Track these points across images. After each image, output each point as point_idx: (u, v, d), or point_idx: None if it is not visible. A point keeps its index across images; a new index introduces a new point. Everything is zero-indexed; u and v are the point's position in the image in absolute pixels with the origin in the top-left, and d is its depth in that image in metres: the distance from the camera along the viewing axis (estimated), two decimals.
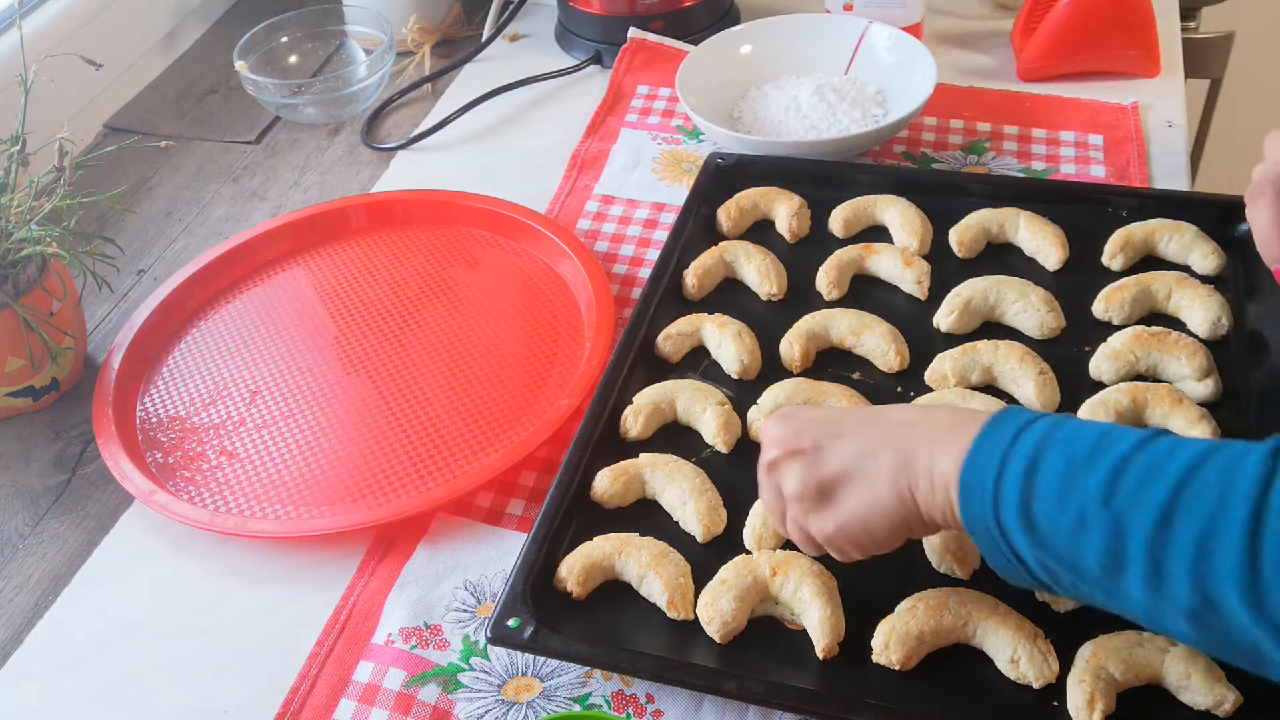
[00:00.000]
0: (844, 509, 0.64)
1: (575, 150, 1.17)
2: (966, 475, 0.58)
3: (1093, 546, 0.54)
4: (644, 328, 0.90)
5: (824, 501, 0.64)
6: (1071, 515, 0.55)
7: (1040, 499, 0.56)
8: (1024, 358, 0.83)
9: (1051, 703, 0.66)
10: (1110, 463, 0.55)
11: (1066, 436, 0.57)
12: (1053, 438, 0.57)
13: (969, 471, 0.58)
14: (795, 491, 0.65)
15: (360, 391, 0.93)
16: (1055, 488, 0.55)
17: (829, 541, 0.65)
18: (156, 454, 0.90)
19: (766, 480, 0.68)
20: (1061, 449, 0.56)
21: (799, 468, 0.65)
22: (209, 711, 0.73)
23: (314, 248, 1.08)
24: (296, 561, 0.81)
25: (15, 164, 0.90)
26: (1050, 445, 0.57)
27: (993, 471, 0.57)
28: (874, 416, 0.66)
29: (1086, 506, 0.54)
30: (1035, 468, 0.56)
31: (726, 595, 0.70)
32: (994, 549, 0.59)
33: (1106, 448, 0.55)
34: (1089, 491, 0.54)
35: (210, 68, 1.38)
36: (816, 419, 0.67)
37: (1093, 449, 0.56)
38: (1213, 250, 0.90)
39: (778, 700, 0.67)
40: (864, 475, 0.63)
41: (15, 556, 0.84)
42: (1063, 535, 0.55)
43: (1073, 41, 1.16)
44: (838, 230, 0.99)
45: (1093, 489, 0.54)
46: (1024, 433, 0.58)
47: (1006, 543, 0.58)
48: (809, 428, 0.66)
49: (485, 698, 0.71)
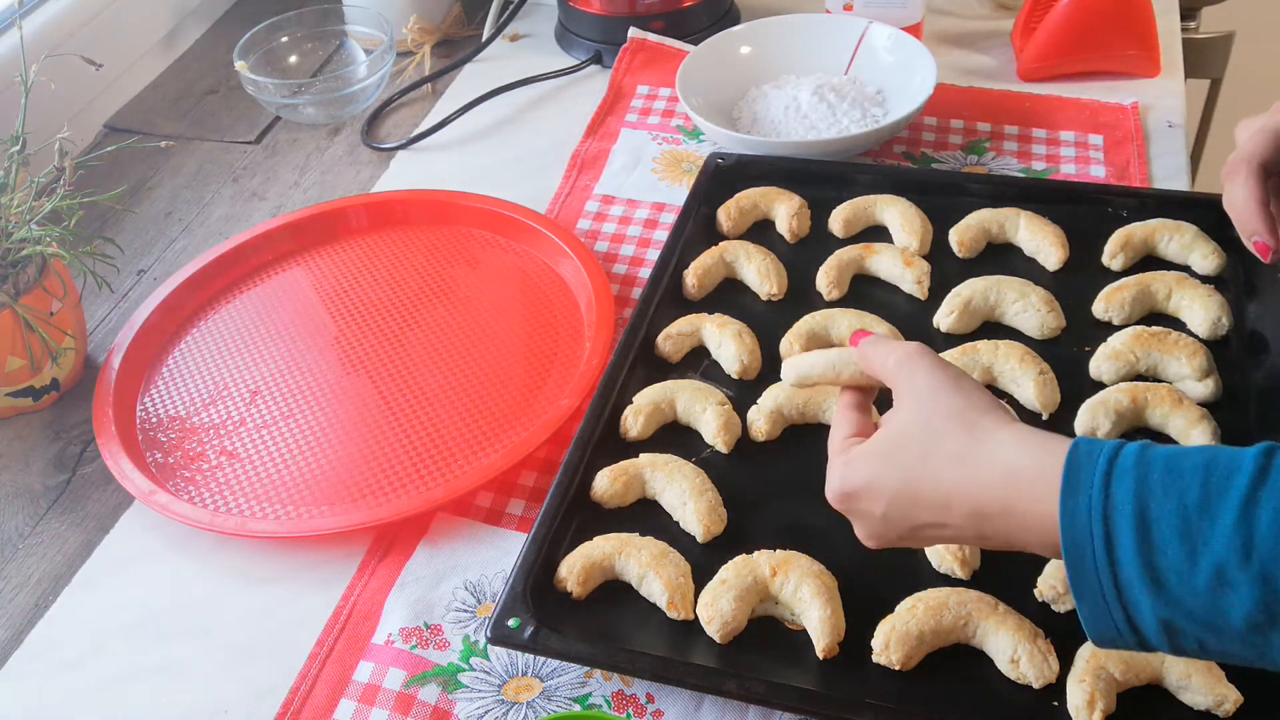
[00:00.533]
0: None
1: (575, 150, 1.17)
2: (1069, 544, 0.53)
3: (1239, 603, 0.50)
4: (644, 328, 0.90)
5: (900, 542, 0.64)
6: (1206, 575, 0.50)
7: (1164, 560, 0.51)
8: (1024, 358, 0.83)
9: (1051, 703, 0.66)
10: (1235, 508, 0.50)
11: (1164, 477, 0.52)
12: (1149, 482, 0.52)
13: (1070, 539, 0.53)
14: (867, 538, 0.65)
15: (360, 391, 0.93)
16: (1178, 545, 0.50)
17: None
18: (156, 454, 0.90)
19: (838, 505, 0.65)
20: (1167, 496, 0.51)
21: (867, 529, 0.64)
22: (209, 711, 0.73)
23: (314, 248, 1.08)
24: (296, 561, 0.81)
25: (15, 164, 0.90)
26: (1151, 494, 0.52)
27: (1099, 537, 0.52)
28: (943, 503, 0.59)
29: (1224, 563, 0.49)
30: (1146, 526, 0.51)
31: (726, 595, 0.70)
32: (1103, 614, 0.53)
33: (1219, 485, 0.51)
34: (1221, 545, 0.49)
35: (210, 68, 1.38)
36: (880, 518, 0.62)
37: (1204, 491, 0.51)
38: (1213, 250, 0.90)
39: (778, 700, 0.67)
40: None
41: (15, 556, 0.84)
42: (1200, 596, 0.50)
43: (1073, 41, 1.16)
44: (838, 230, 0.99)
45: (1225, 542, 0.49)
46: (1112, 481, 0.53)
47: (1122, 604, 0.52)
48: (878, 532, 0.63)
49: (485, 698, 0.71)
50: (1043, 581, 0.71)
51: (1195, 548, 0.50)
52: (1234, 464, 0.51)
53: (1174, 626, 0.52)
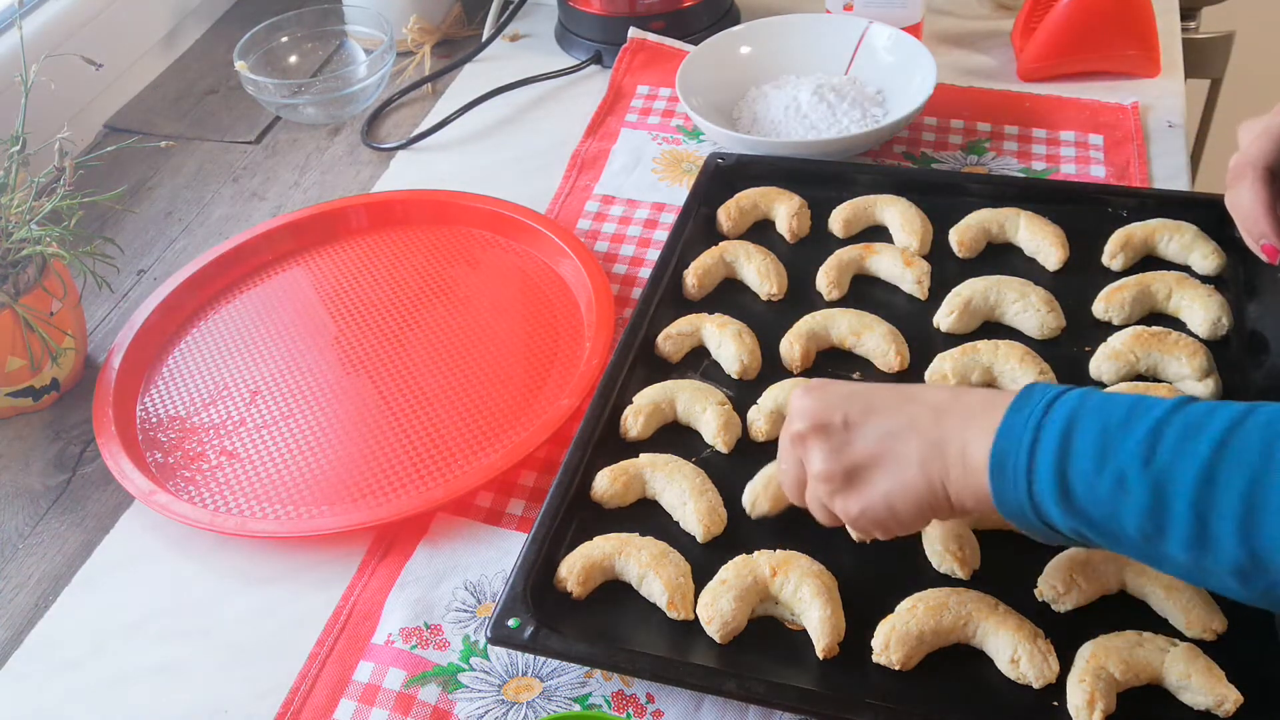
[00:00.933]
0: (871, 491, 0.63)
1: (575, 150, 1.17)
2: (998, 450, 0.58)
3: (1132, 510, 0.54)
4: (644, 328, 0.90)
5: (851, 482, 0.64)
6: (1110, 480, 0.54)
7: (1076, 466, 0.55)
8: (1024, 358, 0.83)
9: (1051, 703, 0.66)
10: (1147, 425, 0.54)
11: (1098, 405, 0.56)
12: (1085, 406, 0.56)
13: (1001, 445, 0.58)
14: (821, 470, 0.64)
15: (360, 391, 0.93)
16: (1092, 453, 0.55)
17: (853, 522, 0.65)
18: (156, 454, 0.90)
19: (789, 452, 0.67)
20: (1095, 416, 0.56)
21: (827, 446, 0.64)
22: (209, 711, 0.73)
23: (314, 248, 1.08)
24: (296, 561, 0.81)
25: (15, 164, 0.90)
26: (1083, 413, 0.56)
27: (1025, 443, 0.57)
28: (906, 396, 0.64)
29: (1125, 469, 0.53)
30: (1070, 435, 0.55)
31: (726, 595, 0.70)
32: (1025, 521, 0.58)
33: (1141, 412, 0.55)
34: (1127, 454, 0.54)
35: (210, 68, 1.38)
36: (847, 394, 0.65)
37: (1127, 414, 0.55)
38: (1213, 250, 0.90)
39: (778, 700, 0.67)
40: (893, 458, 0.62)
41: (15, 556, 0.84)
42: (1100, 502, 0.54)
43: (1073, 41, 1.16)
44: (838, 230, 0.99)
45: (1131, 451, 0.54)
46: (1055, 404, 0.57)
47: (1038, 514, 0.57)
48: (839, 403, 0.65)
49: (485, 698, 0.71)
50: (1043, 581, 0.71)
51: (1105, 457, 0.54)
52: (1159, 400, 0.56)
53: (1082, 534, 0.56)
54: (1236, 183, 0.75)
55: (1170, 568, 0.55)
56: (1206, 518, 0.52)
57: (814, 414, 0.65)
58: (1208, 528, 0.52)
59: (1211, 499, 0.51)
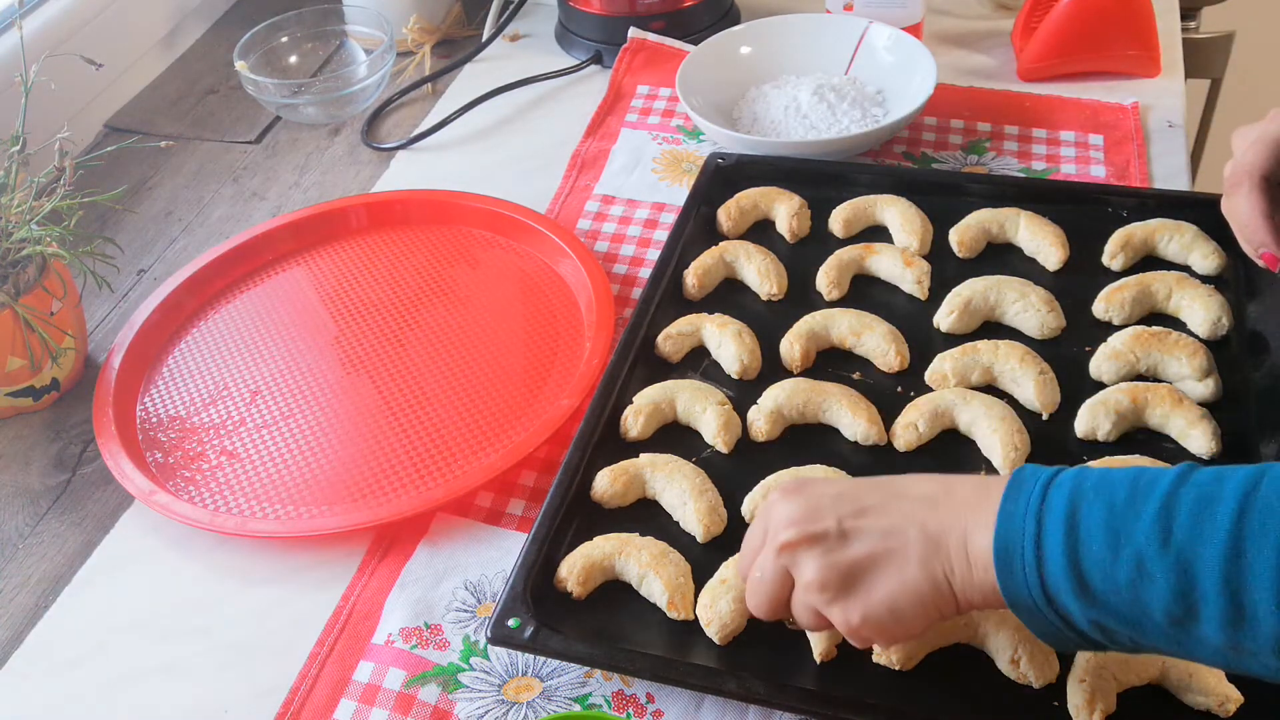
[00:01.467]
0: (872, 596, 0.59)
1: (575, 150, 1.17)
2: (1001, 542, 0.55)
3: (1157, 595, 0.51)
4: (644, 328, 0.90)
5: (849, 588, 0.60)
6: (1128, 565, 0.51)
7: (1089, 553, 0.52)
8: (1024, 358, 0.83)
9: (1052, 703, 0.66)
10: (1157, 501, 0.51)
11: (1098, 484, 0.54)
12: (1082, 488, 0.54)
13: (1003, 537, 0.55)
14: (815, 579, 0.60)
15: (360, 391, 0.93)
16: (1103, 538, 0.52)
17: (854, 631, 0.61)
18: (156, 454, 0.90)
19: (773, 561, 0.62)
20: (1097, 497, 0.53)
21: (819, 554, 0.60)
22: (209, 711, 0.73)
23: (314, 248, 1.08)
24: (296, 561, 0.81)
25: (15, 164, 0.90)
26: (1084, 496, 0.54)
27: (1029, 533, 0.54)
28: (894, 491, 0.61)
29: (1143, 552, 0.51)
30: (1075, 522, 0.53)
31: (726, 596, 0.70)
32: (1039, 617, 0.55)
33: (1145, 488, 0.52)
34: (1142, 535, 0.51)
35: (210, 68, 1.38)
36: (834, 495, 0.61)
37: (1131, 492, 0.53)
38: (1213, 250, 0.90)
39: (778, 700, 0.67)
40: (891, 559, 0.59)
41: (15, 556, 0.84)
42: (1121, 589, 0.52)
43: (1073, 41, 1.16)
44: (838, 230, 0.99)
45: (1145, 532, 0.51)
46: (1051, 487, 0.55)
47: (1054, 608, 0.54)
48: (829, 507, 0.61)
49: (485, 698, 0.71)
50: None
51: (1118, 541, 0.52)
52: (1159, 472, 0.53)
53: (1102, 625, 0.53)
54: (1233, 191, 0.74)
55: (1204, 653, 0.52)
56: (1240, 593, 0.49)
57: (803, 521, 0.61)
58: (1242, 604, 0.49)
59: (1241, 573, 0.49)
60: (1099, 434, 0.79)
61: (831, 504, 0.61)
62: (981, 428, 0.79)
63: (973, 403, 0.80)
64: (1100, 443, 0.79)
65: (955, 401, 0.81)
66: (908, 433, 0.80)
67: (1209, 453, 0.77)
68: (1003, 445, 0.78)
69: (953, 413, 0.81)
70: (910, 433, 0.80)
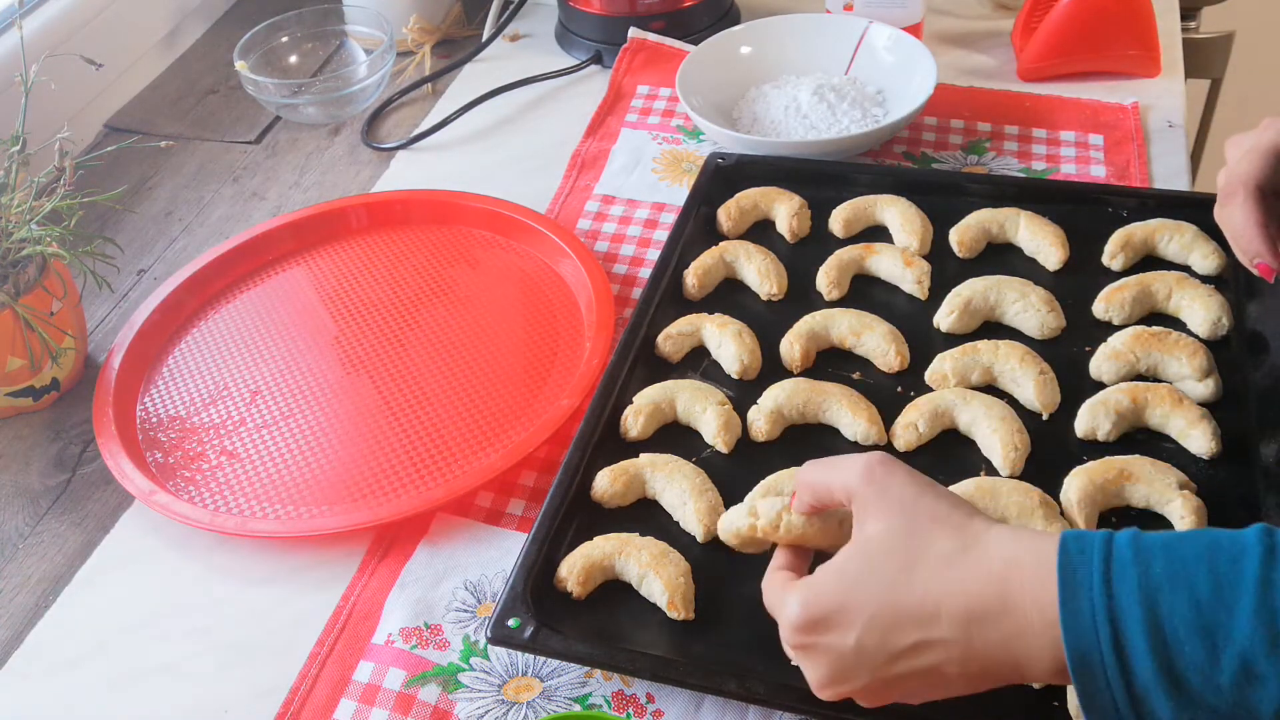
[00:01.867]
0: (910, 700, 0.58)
1: (575, 150, 1.17)
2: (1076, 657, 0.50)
3: (1269, 697, 0.48)
4: (644, 328, 0.90)
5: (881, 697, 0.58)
6: (1231, 669, 0.48)
7: (1181, 658, 0.48)
8: (1024, 358, 0.83)
9: (1052, 703, 0.66)
10: (1251, 594, 0.48)
11: (1169, 572, 0.50)
12: (1152, 578, 0.50)
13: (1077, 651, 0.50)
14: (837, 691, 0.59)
15: (360, 391, 0.93)
16: (1197, 643, 0.48)
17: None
18: (156, 454, 0.90)
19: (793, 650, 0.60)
20: (1175, 591, 0.49)
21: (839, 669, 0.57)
22: (209, 711, 0.73)
23: (314, 248, 1.08)
24: (296, 561, 0.81)
25: (15, 164, 0.90)
26: (1159, 590, 0.49)
27: (1106, 638, 0.50)
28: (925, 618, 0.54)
29: (1248, 656, 0.47)
30: (1158, 624, 0.49)
31: (740, 510, 0.68)
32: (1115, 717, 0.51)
33: (1228, 572, 0.49)
34: (1243, 637, 0.48)
35: (210, 68, 1.38)
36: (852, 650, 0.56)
37: (1213, 580, 0.49)
38: (1213, 250, 0.90)
39: (778, 700, 0.67)
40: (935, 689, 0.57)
41: (15, 556, 0.84)
42: (1224, 691, 0.48)
43: (1073, 41, 1.16)
44: (838, 230, 0.99)
45: (1247, 633, 0.48)
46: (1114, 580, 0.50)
47: (1137, 710, 0.50)
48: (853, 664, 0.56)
49: (485, 698, 0.71)
50: None
51: (1215, 643, 0.48)
52: (1238, 547, 0.50)
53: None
54: (1228, 201, 0.74)
55: None
56: None
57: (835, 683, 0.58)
58: None
59: None
60: (1099, 434, 0.79)
61: (856, 660, 0.56)
62: (981, 428, 0.79)
63: (973, 403, 0.80)
64: (1100, 443, 0.79)
65: (955, 401, 0.81)
66: (908, 433, 0.80)
67: (1209, 453, 0.77)
68: (1003, 445, 0.78)
69: (953, 413, 0.81)
70: (910, 433, 0.80)
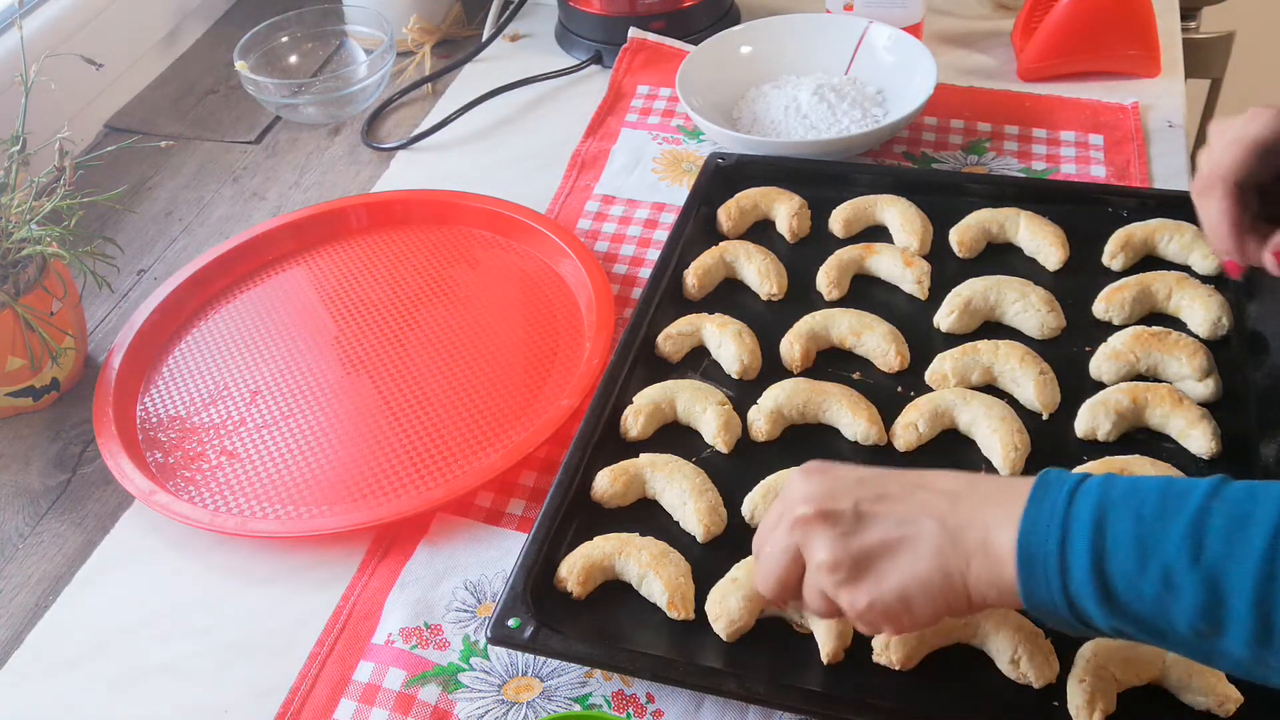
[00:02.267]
0: (883, 584, 0.58)
1: (575, 150, 1.17)
2: (1024, 543, 0.54)
3: (1184, 609, 0.51)
4: (644, 328, 0.90)
5: (860, 573, 0.59)
6: (1155, 578, 0.51)
7: (1115, 564, 0.52)
8: (1024, 358, 0.83)
9: (1052, 703, 0.66)
10: (1188, 516, 0.51)
11: (1126, 494, 0.53)
12: (1110, 497, 0.53)
13: (1027, 539, 0.54)
14: (827, 560, 0.59)
15: (360, 391, 0.93)
16: (1130, 550, 0.52)
17: (860, 615, 0.60)
18: (156, 454, 0.90)
19: (785, 536, 0.61)
20: (1126, 507, 0.53)
21: (833, 534, 0.59)
22: (209, 711, 0.73)
23: (314, 248, 1.08)
24: (296, 561, 0.81)
25: (15, 164, 0.90)
26: (1112, 504, 0.53)
27: (1054, 538, 0.53)
28: (917, 482, 0.60)
29: (1172, 567, 0.51)
30: (1103, 530, 0.52)
31: (736, 594, 0.70)
32: (1057, 618, 0.55)
33: (1175, 501, 0.52)
34: (1171, 549, 0.51)
35: (210, 68, 1.38)
36: (855, 479, 0.61)
37: (1160, 503, 0.52)
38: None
39: (778, 700, 0.67)
40: (906, 548, 0.58)
41: (15, 556, 0.84)
42: (1146, 601, 0.51)
43: (1073, 41, 1.16)
44: (838, 230, 0.99)
45: (1175, 546, 0.51)
46: (1077, 495, 0.54)
47: (1074, 611, 0.54)
48: (849, 489, 0.60)
49: (485, 698, 0.71)
50: None
51: (1146, 553, 0.51)
52: (1190, 484, 0.53)
53: (1125, 632, 0.54)
54: (1206, 194, 0.74)
55: (1225, 663, 0.53)
56: (1271, 615, 0.49)
57: (821, 499, 0.60)
58: (1272, 624, 0.49)
59: (1274, 594, 0.49)
60: (1099, 434, 0.79)
61: (851, 486, 0.61)
62: (981, 428, 0.79)
63: (973, 403, 0.80)
64: (1100, 443, 0.79)
65: (955, 401, 0.81)
66: (908, 433, 0.80)
67: (1209, 453, 0.77)
68: (1003, 445, 0.78)
69: (953, 413, 0.81)
70: (910, 433, 0.80)
